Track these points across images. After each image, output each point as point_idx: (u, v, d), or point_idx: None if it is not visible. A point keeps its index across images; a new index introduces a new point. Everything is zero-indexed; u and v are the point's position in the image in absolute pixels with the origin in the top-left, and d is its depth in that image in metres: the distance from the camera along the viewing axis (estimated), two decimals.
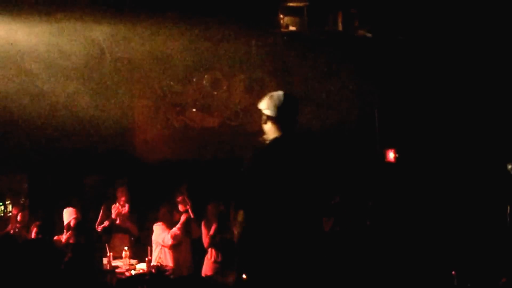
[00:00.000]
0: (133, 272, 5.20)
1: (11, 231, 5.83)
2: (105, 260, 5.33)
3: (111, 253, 5.43)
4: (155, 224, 5.52)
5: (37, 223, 5.49)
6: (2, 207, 6.82)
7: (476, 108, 6.00)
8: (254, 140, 7.67)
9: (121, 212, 5.82)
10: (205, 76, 7.21)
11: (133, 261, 5.45)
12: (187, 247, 5.55)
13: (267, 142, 2.83)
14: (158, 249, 5.46)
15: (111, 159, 6.85)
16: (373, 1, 6.74)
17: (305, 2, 6.88)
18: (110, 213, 5.81)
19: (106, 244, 5.57)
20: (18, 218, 5.86)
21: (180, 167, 6.90)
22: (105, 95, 6.86)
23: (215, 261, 5.44)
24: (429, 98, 6.74)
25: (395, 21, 6.59)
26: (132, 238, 5.84)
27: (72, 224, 5.31)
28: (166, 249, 5.41)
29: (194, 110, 7.27)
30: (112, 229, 5.76)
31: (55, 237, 5.32)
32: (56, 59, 6.43)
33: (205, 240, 5.49)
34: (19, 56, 6.23)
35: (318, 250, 2.75)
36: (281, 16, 6.91)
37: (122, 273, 5.19)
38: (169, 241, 5.34)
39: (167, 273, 5.16)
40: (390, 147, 6.70)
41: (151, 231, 5.57)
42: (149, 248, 5.48)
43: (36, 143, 6.55)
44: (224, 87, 7.27)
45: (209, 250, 5.53)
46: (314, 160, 2.85)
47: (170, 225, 5.43)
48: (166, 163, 7.03)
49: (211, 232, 5.43)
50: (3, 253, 4.31)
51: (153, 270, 5.18)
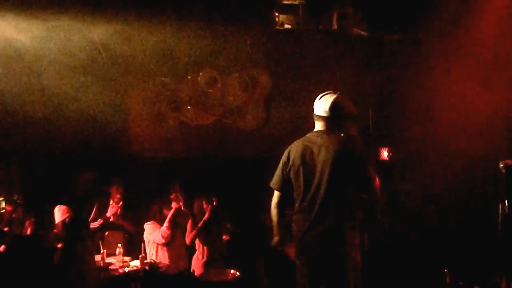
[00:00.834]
0: (127, 269, 5.19)
1: (5, 228, 5.80)
2: (99, 257, 5.33)
3: (105, 250, 5.42)
4: (146, 223, 5.52)
5: (32, 220, 5.48)
6: None
7: (470, 107, 6.02)
8: (249, 137, 7.75)
9: (116, 210, 5.81)
10: (200, 74, 7.21)
11: (127, 258, 5.45)
12: (181, 243, 5.55)
13: None
14: (151, 247, 5.46)
15: (106, 156, 6.84)
16: (369, 0, 6.75)
17: (301, 0, 6.88)
18: (104, 210, 5.80)
19: (100, 241, 5.56)
20: (14, 215, 5.84)
21: (174, 164, 6.89)
22: (100, 92, 6.85)
23: (204, 259, 5.45)
24: (424, 97, 6.76)
25: (390, 20, 6.60)
26: (126, 235, 5.83)
27: (65, 222, 5.29)
28: (160, 247, 5.41)
29: (189, 108, 7.26)
30: (106, 227, 5.74)
31: (54, 231, 5.30)
32: (51, 55, 6.41)
33: (188, 236, 5.47)
34: (15, 52, 6.21)
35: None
36: (276, 14, 6.91)
37: (116, 270, 5.19)
38: (161, 240, 5.35)
39: (161, 270, 5.16)
40: (384, 146, 6.71)
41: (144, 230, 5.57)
42: (143, 245, 5.48)
43: (30, 140, 6.53)
44: (219, 85, 7.27)
45: (198, 249, 5.52)
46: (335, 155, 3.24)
47: (161, 223, 5.44)
48: (161, 160, 7.02)
49: (199, 225, 5.40)
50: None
51: (147, 267, 5.17)
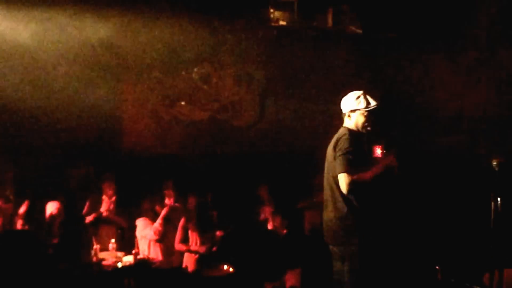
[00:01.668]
0: (120, 265, 5.17)
1: None
2: (92, 253, 5.31)
3: (98, 246, 5.40)
4: (138, 219, 5.51)
5: (23, 215, 5.44)
6: None
7: (463, 106, 6.07)
8: (243, 134, 7.75)
9: (109, 205, 5.79)
10: (195, 70, 7.19)
11: (120, 254, 5.42)
12: (174, 238, 5.54)
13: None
14: (143, 242, 5.45)
15: (99, 151, 6.81)
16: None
17: None
18: (97, 205, 5.78)
19: (93, 237, 5.54)
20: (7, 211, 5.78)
21: (168, 160, 6.88)
22: (94, 87, 6.82)
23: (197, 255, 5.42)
24: (418, 95, 6.79)
25: (385, 18, 6.62)
26: (119, 231, 5.81)
27: (56, 217, 5.28)
28: (152, 242, 5.41)
29: (183, 103, 7.25)
30: (99, 222, 5.72)
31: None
32: (44, 50, 6.37)
33: (179, 232, 5.47)
34: (9, 47, 6.17)
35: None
36: (272, 11, 6.91)
37: (109, 266, 5.17)
38: (153, 237, 5.35)
39: (154, 266, 5.16)
40: (378, 143, 6.73)
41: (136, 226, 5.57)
42: (136, 241, 5.47)
43: (21, 135, 6.49)
44: (214, 81, 7.26)
45: (191, 244, 5.49)
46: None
47: (153, 219, 5.44)
48: (154, 156, 7.01)
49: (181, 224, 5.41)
50: None
51: (140, 263, 5.17)
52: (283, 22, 6.91)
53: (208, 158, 7.06)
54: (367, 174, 3.33)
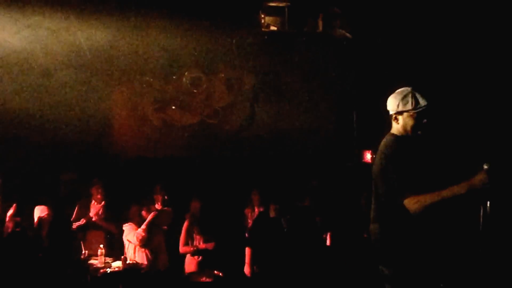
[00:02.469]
0: (109, 270, 5.15)
1: None
2: (81, 258, 5.28)
3: (86, 251, 5.37)
4: (125, 225, 5.48)
5: (14, 218, 5.40)
6: None
7: (453, 110, 6.10)
8: (233, 138, 7.74)
9: (98, 210, 5.76)
10: (185, 74, 7.19)
11: (109, 259, 5.39)
12: (161, 243, 5.53)
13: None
14: (130, 247, 5.43)
15: (88, 156, 6.78)
16: (354, 3, 6.81)
17: (286, 2, 6.92)
18: (86, 211, 5.74)
19: (81, 242, 5.51)
20: None
21: (158, 165, 6.86)
22: (84, 92, 6.80)
23: (199, 259, 5.51)
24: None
25: (375, 24, 6.67)
26: (108, 236, 5.78)
27: (43, 222, 5.25)
28: (137, 247, 5.39)
29: (174, 108, 7.24)
30: (87, 227, 5.69)
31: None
32: (36, 56, 6.35)
33: (183, 236, 5.51)
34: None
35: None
36: (262, 16, 6.94)
37: (98, 271, 5.14)
38: (136, 242, 5.34)
39: (143, 271, 5.13)
40: (368, 148, 6.77)
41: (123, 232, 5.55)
42: (125, 245, 5.45)
43: (9, 140, 6.45)
44: (204, 85, 7.26)
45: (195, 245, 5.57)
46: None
47: (139, 224, 5.42)
48: (144, 160, 6.98)
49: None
50: None
51: (129, 268, 5.14)
52: (274, 28, 6.94)
53: (199, 163, 7.05)
54: (442, 194, 2.71)
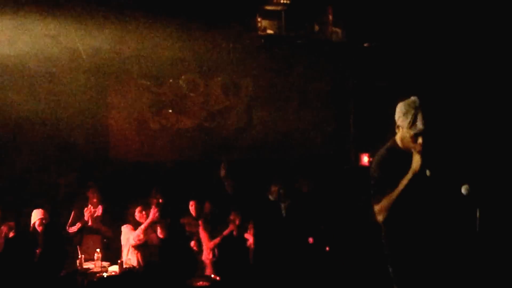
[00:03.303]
0: (105, 274, 5.14)
1: None
2: (77, 262, 5.27)
3: (83, 255, 5.36)
4: (123, 226, 5.49)
5: (8, 223, 5.39)
6: None
7: (447, 114, 6.11)
8: (230, 142, 7.73)
9: (94, 214, 5.75)
10: (182, 78, 7.19)
11: (105, 263, 5.39)
12: (156, 247, 5.53)
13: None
14: (126, 249, 5.43)
15: (86, 160, 6.77)
16: (350, 6, 6.83)
17: (283, 6, 6.92)
18: (82, 214, 5.73)
19: (78, 246, 5.49)
20: None
21: (155, 168, 6.86)
22: (80, 96, 6.79)
23: (212, 260, 5.61)
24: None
25: (372, 26, 6.68)
26: (105, 240, 5.77)
27: (38, 225, 5.25)
28: (131, 249, 5.39)
29: (170, 111, 7.24)
30: (84, 231, 5.68)
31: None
32: (33, 59, 6.34)
33: (205, 233, 5.65)
34: None
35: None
36: (259, 19, 6.93)
37: (94, 275, 5.13)
38: (132, 242, 5.37)
39: (139, 275, 5.13)
40: (365, 152, 6.78)
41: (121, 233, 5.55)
42: (122, 250, 5.44)
43: (7, 143, 6.45)
44: (201, 89, 7.26)
45: (205, 249, 5.67)
46: None
47: (136, 227, 5.43)
48: (141, 164, 6.98)
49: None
50: None
51: (125, 272, 5.13)
52: (271, 31, 6.94)
53: (196, 166, 7.04)
54: (394, 193, 2.77)
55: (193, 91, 7.24)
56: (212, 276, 5.35)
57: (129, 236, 5.41)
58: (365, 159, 6.76)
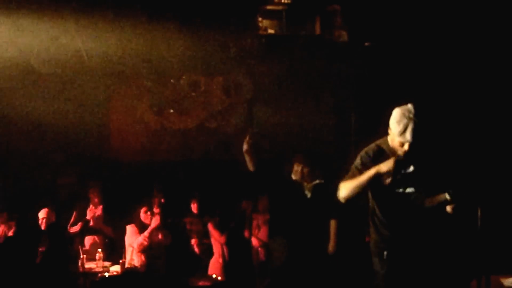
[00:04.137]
0: (107, 274, 5.14)
1: None
2: (78, 262, 5.27)
3: (84, 255, 5.36)
4: (128, 226, 5.48)
5: (9, 222, 5.40)
6: None
7: (449, 115, 6.12)
8: (232, 141, 7.75)
9: (95, 214, 5.75)
10: (183, 77, 7.20)
11: (107, 263, 5.39)
12: (161, 249, 5.52)
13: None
14: (130, 250, 5.43)
15: (87, 160, 6.78)
16: (352, 6, 6.83)
17: (284, 6, 6.93)
18: (83, 215, 5.74)
19: (79, 246, 5.50)
20: None
21: (156, 168, 6.86)
22: (81, 95, 6.80)
23: (223, 261, 5.57)
24: (404, 103, 6.82)
25: (373, 26, 6.68)
26: (106, 240, 5.77)
27: (43, 226, 5.25)
28: (135, 251, 5.39)
29: (172, 111, 7.25)
30: (85, 231, 5.68)
31: None
32: (35, 60, 6.35)
33: (217, 232, 5.60)
34: None
35: None
36: (260, 19, 6.95)
37: (96, 275, 5.14)
38: (136, 247, 5.34)
39: (141, 276, 5.13)
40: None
41: (125, 232, 5.53)
42: (124, 249, 5.43)
43: (9, 143, 6.45)
44: (202, 89, 7.27)
45: (216, 251, 5.62)
46: None
47: (141, 228, 5.41)
48: (142, 164, 6.98)
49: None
50: None
51: (127, 272, 5.14)
52: (272, 31, 6.95)
53: (197, 166, 7.05)
54: (355, 180, 2.96)
55: (194, 91, 7.25)
56: (214, 276, 5.35)
57: (133, 237, 5.38)
58: None
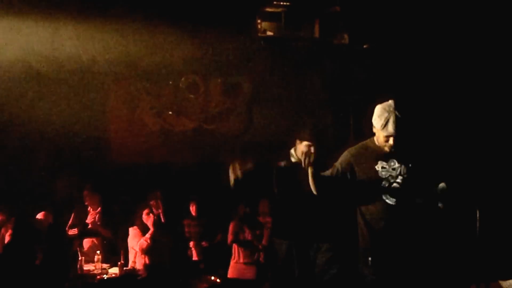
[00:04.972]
0: (105, 276, 5.14)
1: None
2: (77, 265, 5.27)
3: (83, 257, 5.36)
4: (130, 228, 5.48)
5: (8, 224, 5.40)
6: None
7: (445, 116, 6.13)
8: (231, 144, 7.74)
9: (94, 216, 5.76)
10: (182, 79, 7.20)
11: (106, 265, 5.39)
12: (163, 250, 5.52)
13: None
14: (132, 252, 5.43)
15: (85, 162, 6.77)
16: (351, 8, 6.83)
17: (283, 8, 6.93)
18: (81, 217, 5.74)
19: (78, 248, 5.50)
20: None
21: (155, 170, 6.85)
22: (80, 97, 6.79)
23: (237, 262, 5.65)
24: (404, 104, 6.82)
25: (372, 28, 6.69)
26: (105, 242, 5.77)
27: (41, 228, 5.24)
28: (138, 254, 5.38)
29: (170, 113, 7.24)
30: (84, 233, 5.68)
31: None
32: (31, 62, 6.35)
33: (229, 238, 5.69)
34: None
35: None
36: (259, 21, 6.93)
37: (94, 277, 5.13)
38: (138, 249, 5.34)
39: (140, 278, 5.13)
40: None
41: (126, 235, 5.53)
42: (122, 252, 5.43)
43: (6, 145, 6.44)
44: (201, 90, 7.27)
45: (233, 251, 5.67)
46: None
47: (143, 230, 5.41)
48: (141, 166, 6.98)
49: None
50: None
51: (126, 274, 5.14)
52: (270, 33, 6.93)
53: (196, 168, 7.04)
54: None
55: (193, 93, 7.25)
56: (213, 278, 5.35)
57: (136, 240, 5.38)
58: None
